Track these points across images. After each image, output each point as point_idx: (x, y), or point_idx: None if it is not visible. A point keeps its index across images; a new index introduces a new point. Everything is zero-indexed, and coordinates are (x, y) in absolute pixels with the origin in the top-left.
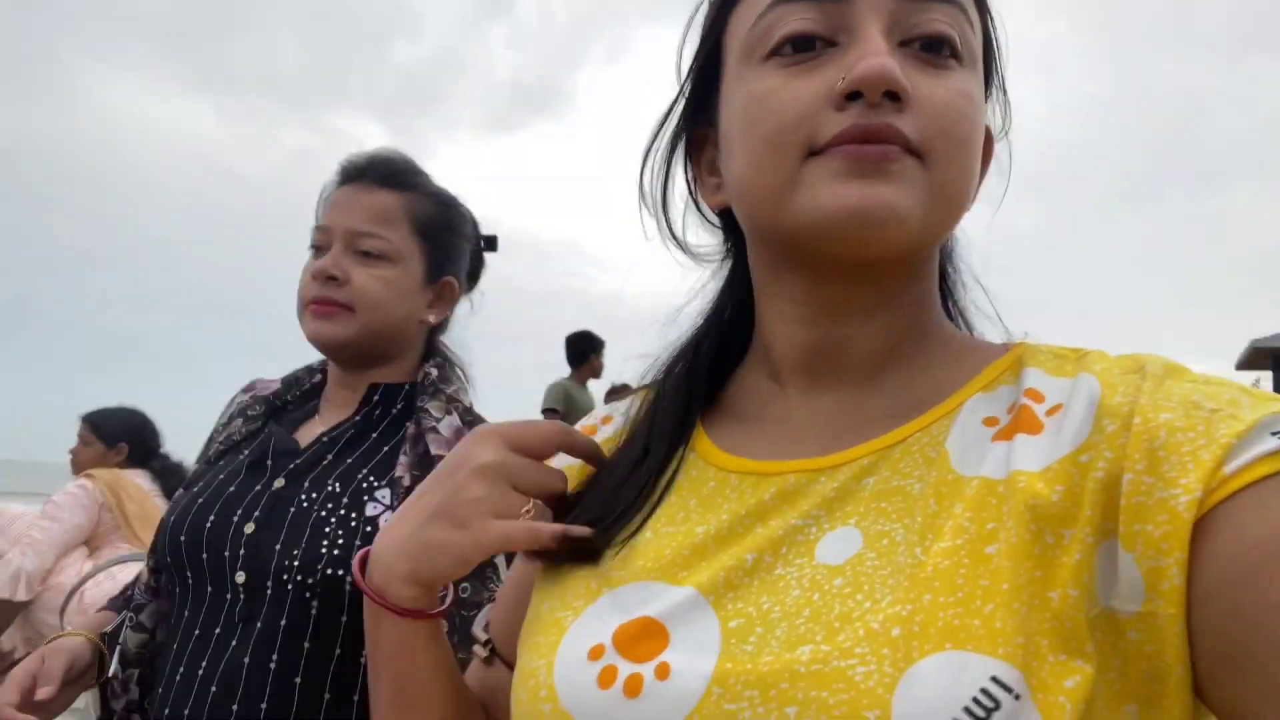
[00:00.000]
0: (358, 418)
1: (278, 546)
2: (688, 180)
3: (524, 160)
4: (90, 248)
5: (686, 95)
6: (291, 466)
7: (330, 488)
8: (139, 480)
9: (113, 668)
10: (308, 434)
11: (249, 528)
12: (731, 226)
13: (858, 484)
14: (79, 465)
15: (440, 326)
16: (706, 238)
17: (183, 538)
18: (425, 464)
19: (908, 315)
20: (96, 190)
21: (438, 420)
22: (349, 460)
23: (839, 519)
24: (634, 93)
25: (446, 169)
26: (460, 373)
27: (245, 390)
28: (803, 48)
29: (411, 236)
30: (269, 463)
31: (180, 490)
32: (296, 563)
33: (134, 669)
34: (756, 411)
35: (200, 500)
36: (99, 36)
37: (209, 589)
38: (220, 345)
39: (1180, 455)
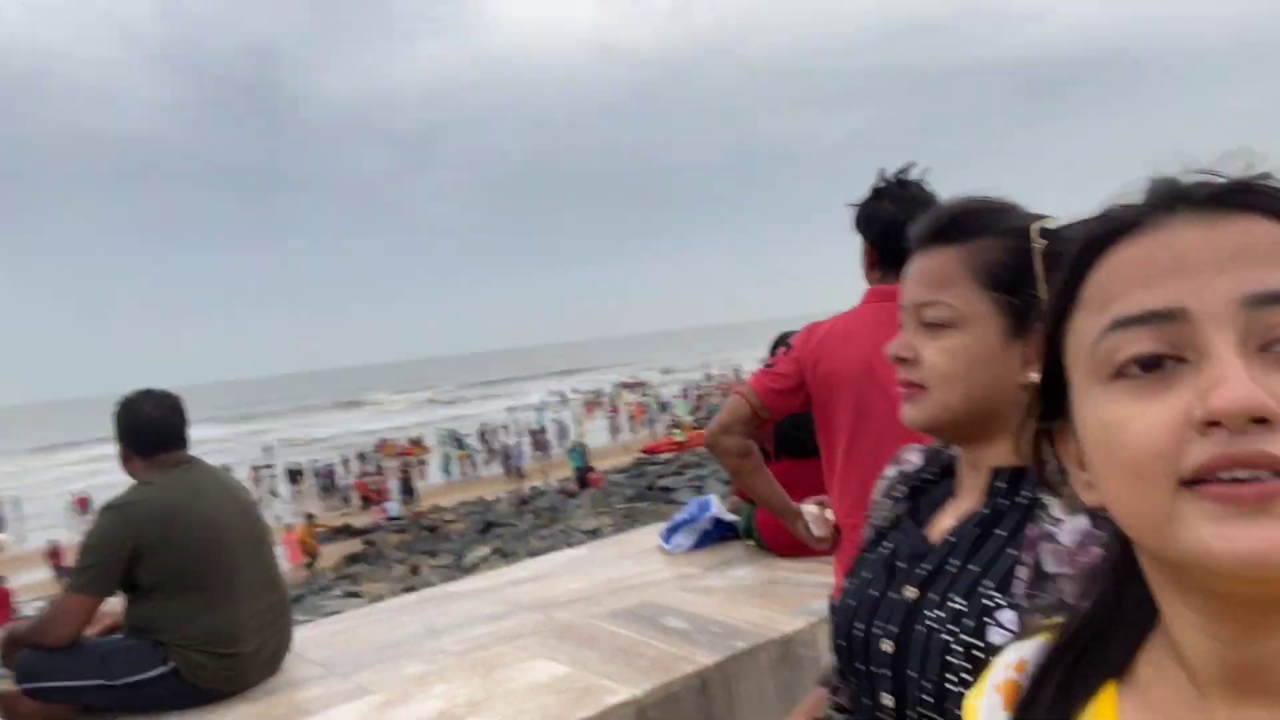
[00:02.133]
0: (985, 510)
1: (912, 674)
2: (1060, 469)
3: None
4: None
5: (1040, 396)
6: (920, 572)
7: (955, 604)
8: None
9: None
10: (939, 526)
11: (886, 646)
12: None
13: None
14: None
15: None
16: None
17: (841, 643)
18: (1040, 582)
19: None
20: None
21: (1058, 524)
22: (973, 568)
23: None
24: None
25: None
26: None
27: (893, 462)
28: (1150, 366)
29: (977, 292)
30: (901, 565)
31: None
32: (929, 698)
33: None
34: (1175, 706)
35: (850, 603)
36: None
37: (866, 700)
38: None
39: None
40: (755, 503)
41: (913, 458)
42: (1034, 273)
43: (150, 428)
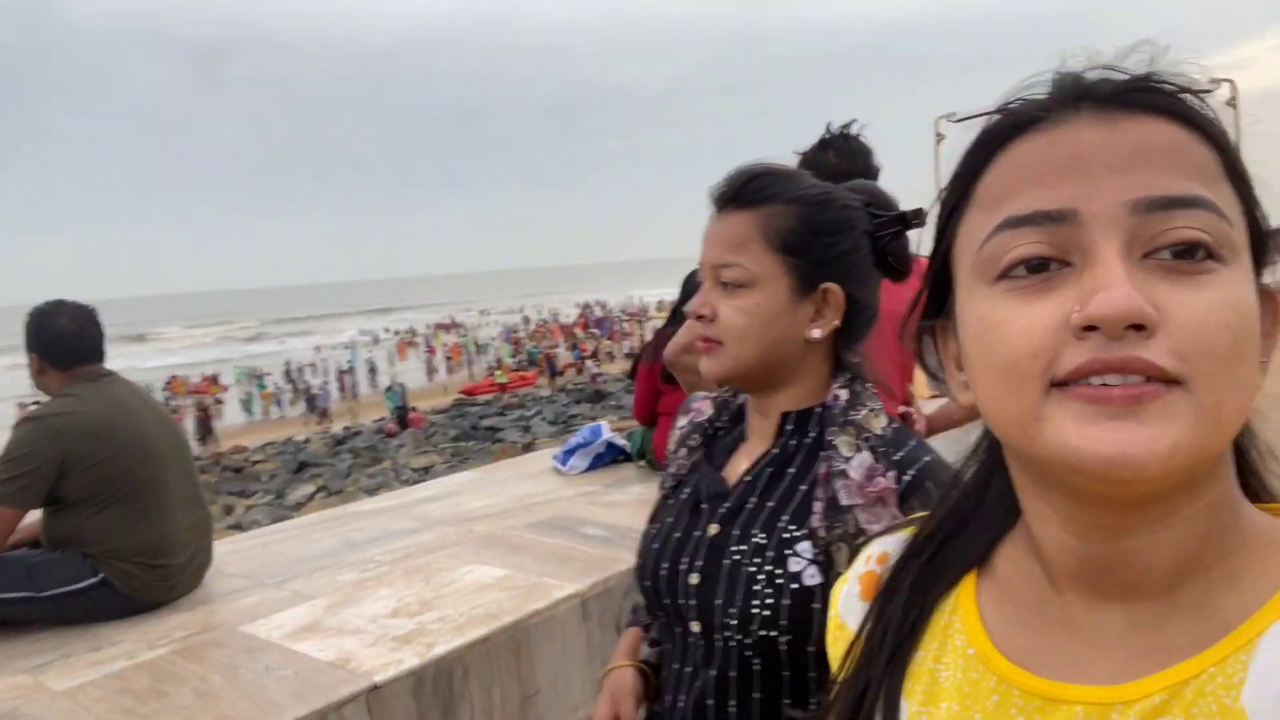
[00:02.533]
0: (775, 450)
1: (718, 602)
2: (940, 365)
3: None
4: None
5: (927, 295)
6: (722, 510)
7: (757, 538)
8: None
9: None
10: (735, 468)
11: (694, 579)
12: None
13: None
14: None
15: (859, 336)
16: None
17: (648, 582)
18: (836, 514)
19: (1200, 525)
20: None
21: (847, 460)
22: (770, 504)
23: None
24: None
25: None
26: (870, 389)
27: (684, 413)
28: (1035, 269)
29: (769, 255)
30: (703, 506)
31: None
32: (734, 621)
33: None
34: (1034, 606)
35: (655, 545)
36: None
37: (676, 629)
38: None
39: None
40: (652, 425)
41: (703, 408)
42: (820, 236)
43: (67, 340)
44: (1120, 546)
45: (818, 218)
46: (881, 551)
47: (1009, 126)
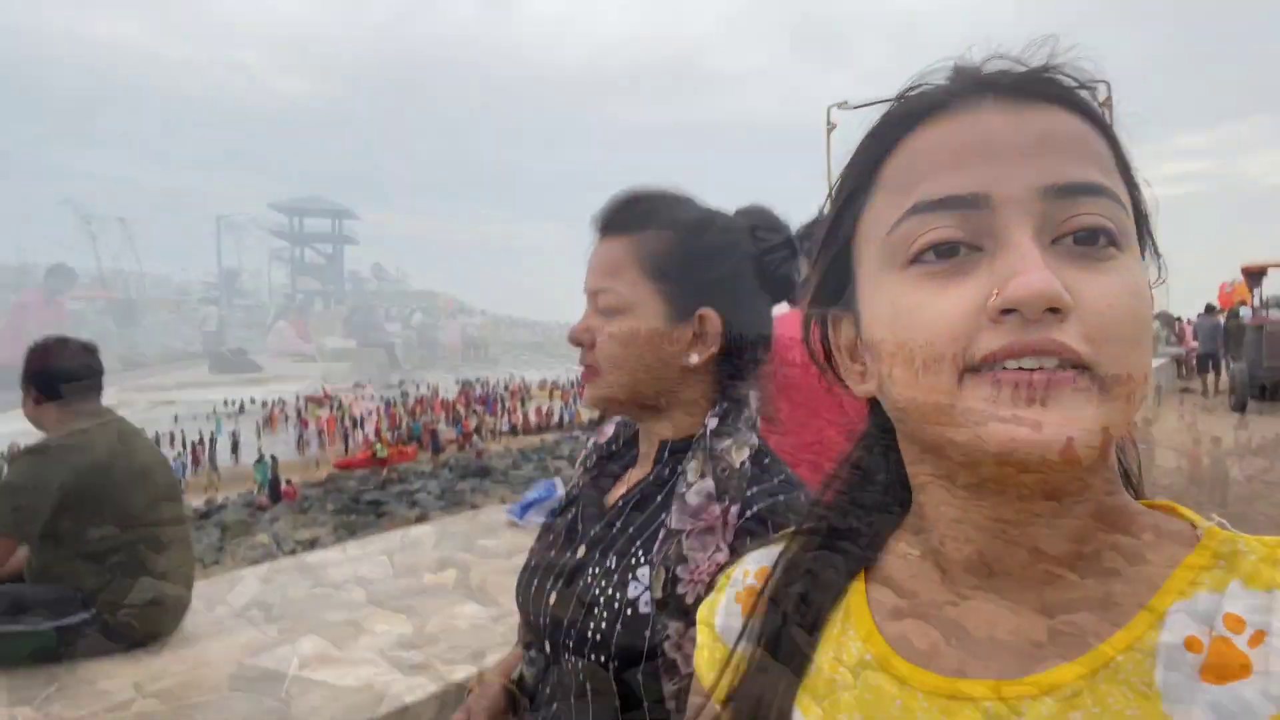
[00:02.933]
0: (650, 477)
1: (565, 623)
2: (831, 355)
3: None
4: None
5: (817, 284)
6: (592, 534)
7: (609, 562)
8: None
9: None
10: (616, 493)
11: (552, 599)
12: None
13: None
14: None
15: (745, 363)
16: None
17: (519, 599)
18: (668, 539)
19: (1092, 508)
20: None
21: (689, 485)
22: (630, 530)
23: None
24: None
25: None
26: (747, 419)
27: (595, 434)
28: (947, 254)
29: (643, 280)
30: (579, 528)
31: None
32: (572, 643)
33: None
34: (928, 603)
35: (533, 563)
36: None
37: (536, 649)
38: None
39: None
40: None
41: (608, 429)
42: (695, 261)
43: (69, 376)
44: (1017, 534)
45: (693, 243)
46: (760, 567)
47: (914, 112)
